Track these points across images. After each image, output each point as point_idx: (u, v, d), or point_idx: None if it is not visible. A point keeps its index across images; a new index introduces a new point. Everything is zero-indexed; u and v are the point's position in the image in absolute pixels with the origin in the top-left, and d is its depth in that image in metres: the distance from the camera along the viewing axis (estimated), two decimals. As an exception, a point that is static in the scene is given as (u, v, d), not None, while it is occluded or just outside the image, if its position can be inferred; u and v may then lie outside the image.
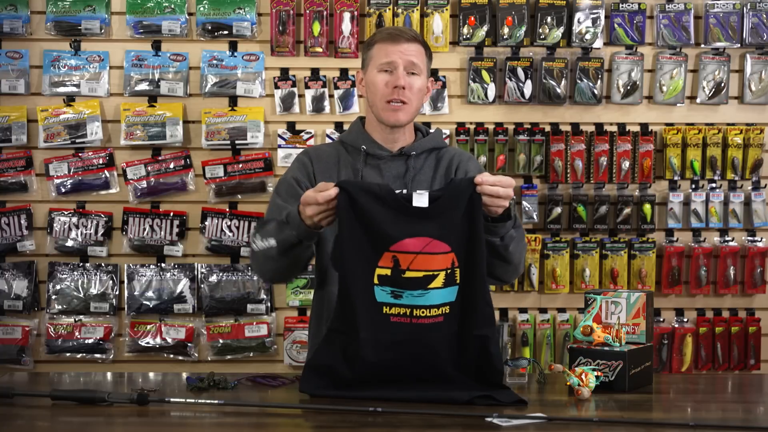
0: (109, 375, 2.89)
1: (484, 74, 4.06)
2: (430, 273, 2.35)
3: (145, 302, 4.05)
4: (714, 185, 4.14)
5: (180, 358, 4.05)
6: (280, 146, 4.06)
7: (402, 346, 2.35)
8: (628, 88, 4.10)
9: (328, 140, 4.04)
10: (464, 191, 2.38)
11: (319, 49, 4.04)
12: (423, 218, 2.36)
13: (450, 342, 2.37)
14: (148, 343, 4.05)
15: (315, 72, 4.07)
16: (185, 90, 4.06)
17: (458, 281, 2.37)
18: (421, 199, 2.36)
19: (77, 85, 4.04)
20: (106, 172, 4.06)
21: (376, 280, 2.35)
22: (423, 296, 2.35)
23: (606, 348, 2.46)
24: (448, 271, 2.36)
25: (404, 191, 2.59)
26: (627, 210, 4.11)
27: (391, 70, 2.69)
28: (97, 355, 4.04)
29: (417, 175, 2.74)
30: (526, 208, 4.07)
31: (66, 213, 4.05)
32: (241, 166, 4.05)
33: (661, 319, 4.13)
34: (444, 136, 3.98)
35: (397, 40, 2.69)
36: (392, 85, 2.68)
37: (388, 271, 2.35)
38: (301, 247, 2.54)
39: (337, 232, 2.37)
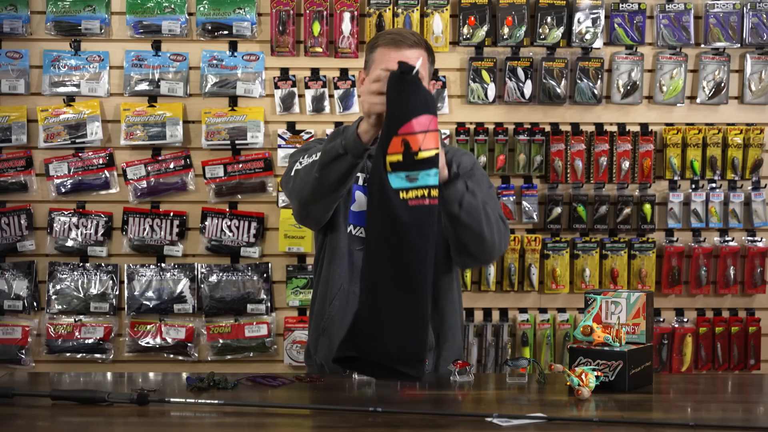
0: (109, 375, 2.89)
1: (484, 74, 4.06)
2: (434, 152, 2.30)
3: (145, 302, 4.05)
4: (714, 185, 4.14)
5: (180, 358, 4.05)
6: (280, 146, 4.06)
7: (421, 228, 2.31)
8: (628, 88, 4.10)
9: (328, 140, 4.04)
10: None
11: (319, 49, 4.04)
12: (416, 93, 2.32)
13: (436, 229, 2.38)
14: (148, 343, 4.05)
15: (315, 72, 4.07)
16: (185, 90, 4.06)
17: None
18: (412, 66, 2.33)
19: (77, 85, 4.04)
20: (106, 172, 4.06)
21: (388, 168, 2.30)
22: (431, 176, 2.30)
23: (606, 348, 2.46)
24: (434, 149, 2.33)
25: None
26: (627, 210, 4.11)
27: None
28: (97, 355, 4.04)
29: None
30: (526, 208, 4.07)
31: (66, 213, 4.05)
32: (241, 166, 4.05)
33: (661, 319, 4.13)
34: (444, 136, 4.00)
35: (400, 46, 2.69)
36: None
37: (399, 157, 2.29)
38: (344, 162, 2.52)
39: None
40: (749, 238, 4.16)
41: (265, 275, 4.07)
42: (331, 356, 2.66)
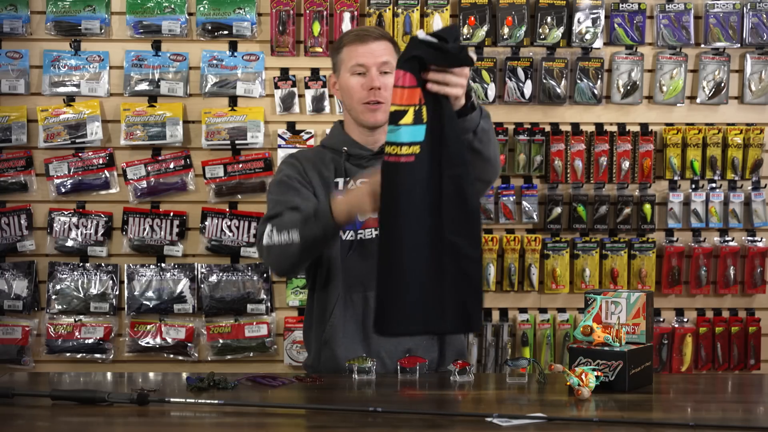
0: (109, 375, 2.89)
1: (484, 74, 4.06)
2: (401, 108, 2.30)
3: (145, 302, 4.05)
4: (714, 185, 4.14)
5: (180, 358, 4.05)
6: (280, 146, 4.06)
7: (389, 186, 2.33)
8: (628, 88, 4.10)
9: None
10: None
11: (319, 49, 4.04)
12: (406, 50, 2.33)
13: (423, 186, 2.33)
14: (148, 343, 4.05)
15: (315, 72, 4.07)
16: (185, 90, 4.06)
17: (425, 120, 2.32)
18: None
19: (77, 85, 4.04)
20: (106, 172, 4.06)
21: None
22: (394, 132, 2.30)
23: (606, 348, 2.46)
24: (416, 107, 2.31)
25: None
26: (627, 210, 4.11)
27: (363, 72, 2.72)
28: (97, 355, 4.04)
29: None
30: (526, 208, 4.07)
31: (66, 213, 4.05)
32: (241, 166, 4.05)
33: (661, 319, 4.13)
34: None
35: (365, 41, 2.72)
36: (367, 87, 2.72)
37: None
38: (325, 242, 2.58)
39: None
40: (749, 238, 4.16)
41: (265, 275, 4.07)
42: (336, 367, 2.67)
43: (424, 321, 2.37)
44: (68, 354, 4.04)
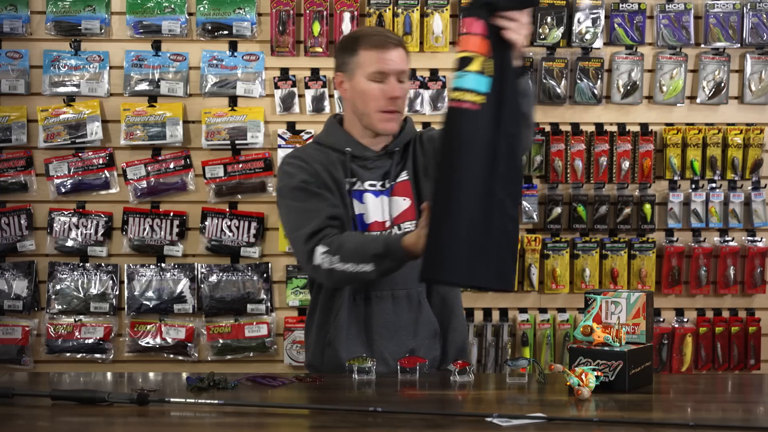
0: (109, 375, 2.89)
1: (484, 74, 4.05)
2: (469, 55, 2.35)
3: (145, 302, 4.05)
4: (714, 185, 4.14)
5: (180, 358, 4.05)
6: (280, 146, 4.06)
7: (451, 133, 2.37)
8: (628, 88, 4.10)
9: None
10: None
11: (319, 49, 4.04)
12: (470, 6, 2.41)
13: (482, 139, 2.36)
14: (148, 343, 4.05)
15: (315, 72, 4.07)
16: (185, 90, 4.06)
17: (491, 73, 2.36)
18: None
19: (77, 85, 4.04)
20: (106, 172, 4.06)
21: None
22: (461, 78, 2.34)
23: (606, 348, 2.46)
24: (484, 58, 2.35)
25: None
26: (627, 210, 4.11)
27: (382, 80, 2.70)
28: (97, 355, 4.04)
29: (402, 169, 2.77)
30: (526, 208, 4.07)
31: (66, 213, 4.05)
32: (241, 166, 4.05)
33: (661, 319, 4.13)
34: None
35: (387, 47, 2.70)
36: (387, 95, 2.69)
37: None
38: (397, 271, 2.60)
39: None
40: (749, 238, 4.16)
41: (265, 275, 4.08)
42: (339, 367, 2.67)
43: (469, 273, 2.36)
44: (68, 354, 4.04)
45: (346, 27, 4.02)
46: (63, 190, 4.05)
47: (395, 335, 2.73)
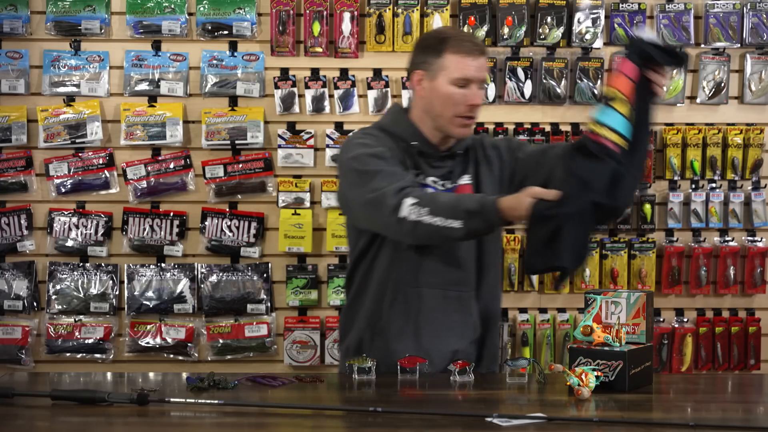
0: (109, 375, 2.89)
1: (484, 74, 4.05)
2: (617, 94, 2.48)
3: (145, 302, 4.05)
4: (714, 185, 4.14)
5: (180, 358, 4.05)
6: (280, 146, 4.06)
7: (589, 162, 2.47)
8: (628, 88, 4.10)
9: (328, 140, 4.04)
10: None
11: (319, 49, 4.04)
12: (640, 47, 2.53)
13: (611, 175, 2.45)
14: (148, 343, 4.05)
15: (315, 72, 4.07)
16: (185, 90, 4.06)
17: (632, 120, 2.47)
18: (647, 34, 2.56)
19: (77, 85, 4.04)
20: (106, 172, 4.06)
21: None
22: (603, 112, 2.47)
23: (606, 348, 2.46)
24: (629, 102, 2.47)
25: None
26: (627, 210, 4.10)
27: (465, 86, 2.67)
28: (97, 355, 4.04)
29: (463, 172, 2.77)
30: (526, 208, 4.06)
31: (66, 213, 4.05)
32: (241, 166, 4.05)
33: (661, 319, 4.13)
34: None
35: (473, 55, 2.68)
36: (469, 102, 2.68)
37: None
38: (486, 235, 2.63)
39: None
40: (749, 238, 4.16)
41: (265, 275, 4.08)
42: (387, 358, 2.64)
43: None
44: (68, 354, 4.04)
45: (346, 27, 4.02)
46: (63, 190, 4.05)
47: (443, 335, 2.72)
